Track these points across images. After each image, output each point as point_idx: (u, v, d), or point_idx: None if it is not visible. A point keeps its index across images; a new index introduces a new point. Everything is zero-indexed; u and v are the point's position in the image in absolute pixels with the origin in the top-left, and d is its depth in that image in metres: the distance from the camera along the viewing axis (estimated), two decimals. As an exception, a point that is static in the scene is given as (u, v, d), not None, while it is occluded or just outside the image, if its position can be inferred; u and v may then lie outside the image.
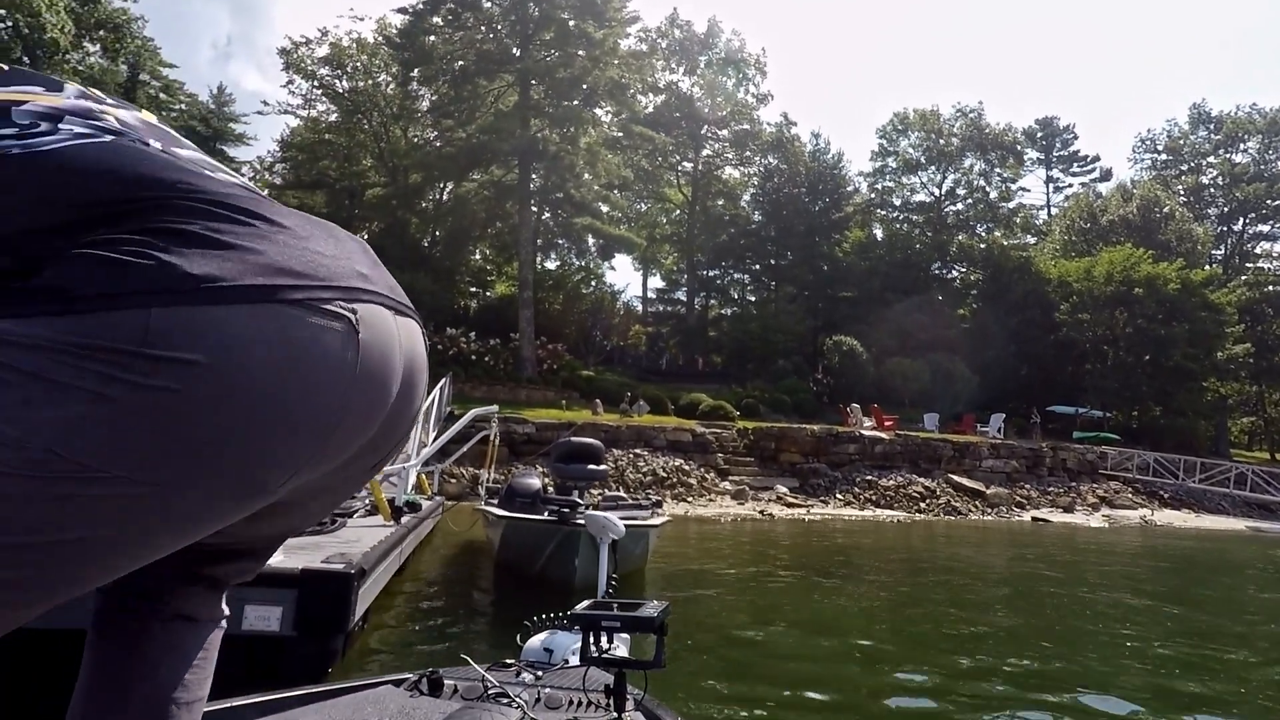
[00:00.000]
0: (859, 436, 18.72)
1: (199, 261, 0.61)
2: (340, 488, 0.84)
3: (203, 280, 0.60)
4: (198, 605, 0.88)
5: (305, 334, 0.63)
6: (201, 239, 0.63)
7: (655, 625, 1.45)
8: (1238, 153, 40.55)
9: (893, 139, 36.76)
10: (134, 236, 0.61)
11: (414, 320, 0.78)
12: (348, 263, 0.71)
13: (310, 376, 0.64)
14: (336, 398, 0.66)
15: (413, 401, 0.78)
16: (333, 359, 0.65)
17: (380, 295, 0.72)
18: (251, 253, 0.64)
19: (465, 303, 30.05)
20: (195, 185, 0.68)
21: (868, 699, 3.93)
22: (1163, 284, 27.84)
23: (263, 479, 0.65)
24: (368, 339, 0.68)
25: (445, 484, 12.60)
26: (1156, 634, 5.71)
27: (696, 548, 9.42)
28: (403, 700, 1.59)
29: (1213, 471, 21.64)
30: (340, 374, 0.66)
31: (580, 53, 22.51)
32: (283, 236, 0.68)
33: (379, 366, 0.70)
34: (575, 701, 1.60)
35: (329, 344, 0.65)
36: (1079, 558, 10.77)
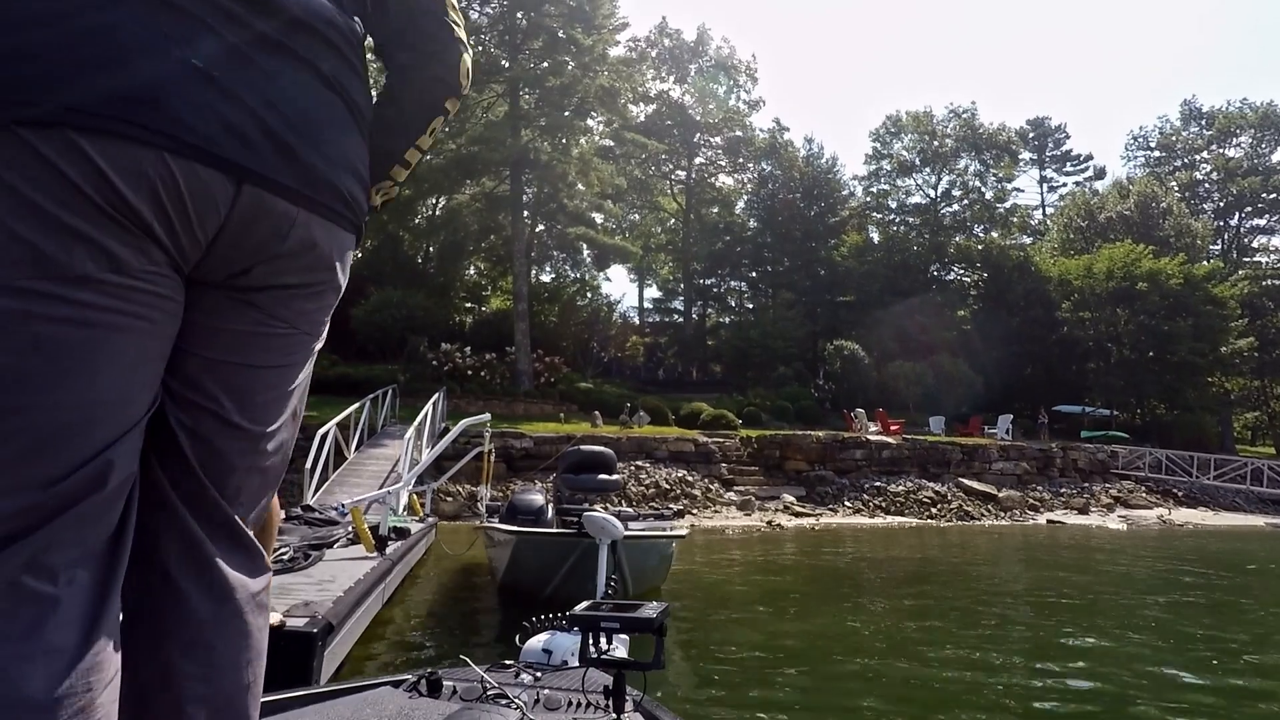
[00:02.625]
0: (865, 442, 18.28)
1: None
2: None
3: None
4: (173, 556, 0.77)
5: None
6: None
7: (654, 626, 1.44)
8: (1231, 147, 40.52)
9: (886, 141, 36.59)
10: None
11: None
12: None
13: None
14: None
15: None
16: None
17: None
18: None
19: (461, 318, 29.64)
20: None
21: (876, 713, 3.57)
22: (1165, 279, 27.54)
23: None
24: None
25: (441, 503, 12.12)
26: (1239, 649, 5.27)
27: (704, 560, 8.96)
28: (402, 701, 1.58)
29: (1226, 468, 21.23)
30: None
31: (570, 61, 22.25)
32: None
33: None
34: (574, 702, 1.59)
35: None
36: (1109, 564, 10.31)
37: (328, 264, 0.80)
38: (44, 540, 0.64)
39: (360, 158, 0.83)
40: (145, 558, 0.76)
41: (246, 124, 0.69)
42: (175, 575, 0.77)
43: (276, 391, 0.82)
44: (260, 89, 0.71)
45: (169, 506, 0.77)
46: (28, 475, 0.63)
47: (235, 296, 0.76)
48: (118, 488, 0.69)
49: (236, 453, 0.80)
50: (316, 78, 0.76)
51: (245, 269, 0.74)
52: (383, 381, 17.04)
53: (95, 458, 0.66)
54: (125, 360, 0.67)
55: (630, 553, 5.02)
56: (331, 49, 0.78)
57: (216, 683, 0.77)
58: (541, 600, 4.95)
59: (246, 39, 0.70)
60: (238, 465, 0.80)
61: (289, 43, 0.74)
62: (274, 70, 0.72)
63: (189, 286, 0.74)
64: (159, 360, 0.72)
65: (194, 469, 0.77)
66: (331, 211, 0.77)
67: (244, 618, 0.80)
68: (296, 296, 0.79)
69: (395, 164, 0.95)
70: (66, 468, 0.64)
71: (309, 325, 0.83)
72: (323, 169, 0.76)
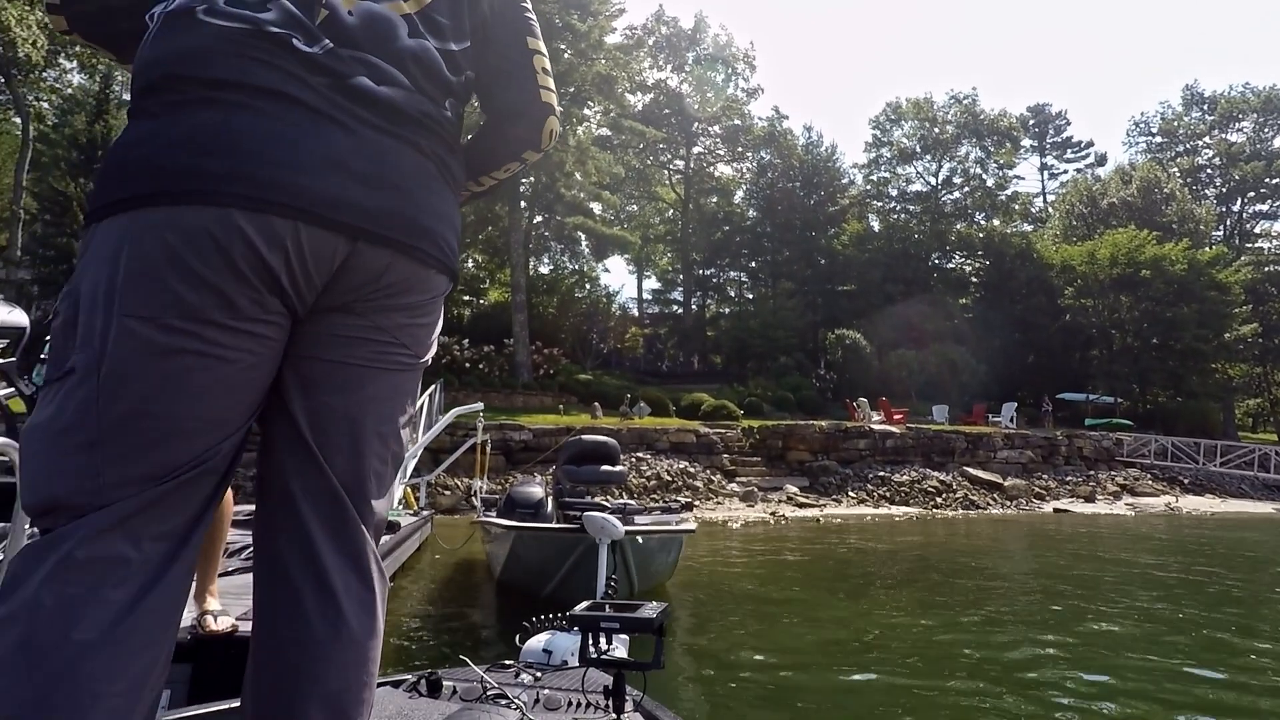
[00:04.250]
0: (869, 431, 18.07)
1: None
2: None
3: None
4: (293, 557, 0.91)
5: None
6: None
7: (654, 626, 1.45)
8: (1233, 132, 40.18)
9: (886, 129, 36.27)
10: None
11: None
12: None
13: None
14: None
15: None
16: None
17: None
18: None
19: (459, 311, 29.40)
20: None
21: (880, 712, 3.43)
22: (1169, 265, 27.29)
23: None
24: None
25: (438, 496, 11.90)
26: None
27: (707, 553, 8.75)
28: (401, 701, 1.58)
29: (1232, 455, 21.04)
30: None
31: (566, 48, 21.91)
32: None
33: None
34: (574, 703, 1.59)
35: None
36: (1124, 554, 10.11)
37: (419, 293, 0.96)
38: (137, 510, 0.79)
39: (451, 210, 1.00)
40: (274, 556, 0.91)
41: (362, 193, 0.87)
42: (294, 575, 0.90)
43: (381, 392, 0.95)
44: (370, 164, 0.88)
45: (294, 509, 0.91)
46: (135, 467, 0.79)
47: (344, 311, 0.92)
48: (204, 484, 0.84)
49: (349, 445, 0.92)
50: (416, 150, 0.93)
51: (356, 297, 0.91)
52: (379, 374, 16.77)
53: (193, 461, 0.82)
54: (226, 386, 0.84)
55: (636, 549, 4.79)
56: (428, 131, 0.95)
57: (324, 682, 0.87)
58: (542, 599, 4.73)
59: (362, 127, 0.88)
60: (356, 455, 0.93)
61: (395, 129, 0.91)
62: (382, 148, 0.89)
63: (310, 315, 0.90)
64: (259, 388, 0.88)
65: (321, 465, 0.91)
66: (423, 253, 0.93)
67: (349, 622, 0.90)
68: (390, 310, 0.94)
69: (470, 180, 1.13)
70: (166, 467, 0.81)
71: (408, 339, 0.96)
72: (421, 222, 0.93)
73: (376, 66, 0.90)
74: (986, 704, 3.62)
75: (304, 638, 0.86)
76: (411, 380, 0.99)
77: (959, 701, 3.68)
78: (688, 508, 7.10)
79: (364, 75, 0.89)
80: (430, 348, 1.02)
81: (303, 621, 0.87)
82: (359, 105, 0.87)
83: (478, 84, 1.08)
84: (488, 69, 1.07)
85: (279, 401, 0.92)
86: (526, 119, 1.08)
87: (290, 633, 0.87)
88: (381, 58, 0.91)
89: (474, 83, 1.06)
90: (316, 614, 0.87)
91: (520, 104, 1.08)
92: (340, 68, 0.87)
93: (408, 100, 0.92)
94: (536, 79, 1.07)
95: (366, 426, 0.93)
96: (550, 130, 1.09)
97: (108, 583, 0.75)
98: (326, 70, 0.86)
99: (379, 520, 0.96)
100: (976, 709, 3.58)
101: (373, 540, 0.94)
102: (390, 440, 0.96)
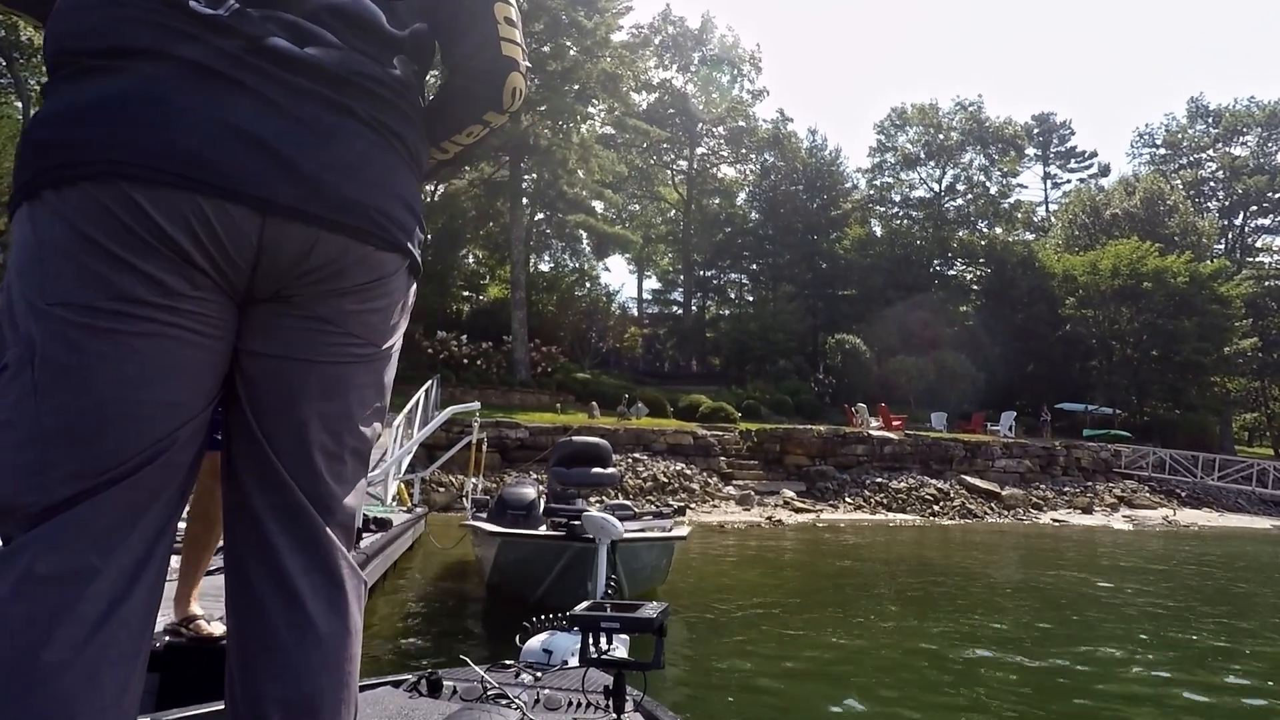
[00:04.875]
0: (867, 437, 17.99)
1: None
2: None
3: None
4: (252, 558, 0.89)
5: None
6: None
7: (654, 626, 1.45)
8: (1237, 145, 40.13)
9: (890, 134, 36.18)
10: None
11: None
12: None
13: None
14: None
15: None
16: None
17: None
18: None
19: (458, 307, 29.26)
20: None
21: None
22: (1171, 277, 27.22)
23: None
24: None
25: (433, 493, 11.78)
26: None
27: (703, 556, 8.64)
28: (402, 701, 1.58)
29: (1230, 469, 20.98)
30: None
31: (572, 45, 21.80)
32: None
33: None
34: (574, 702, 1.59)
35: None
36: (1119, 567, 10.02)
37: (361, 275, 0.87)
38: (90, 515, 0.74)
39: (396, 180, 0.90)
40: (240, 555, 0.87)
41: (270, 163, 0.79)
42: (255, 578, 0.86)
43: (331, 387, 0.89)
44: (286, 132, 0.80)
45: (249, 507, 0.87)
46: (82, 460, 0.74)
47: (282, 302, 0.86)
48: (166, 479, 0.80)
49: (296, 444, 0.87)
50: (347, 115, 0.84)
51: (286, 283, 0.84)
52: (376, 368, 16.64)
53: (146, 450, 0.77)
54: (172, 367, 0.79)
55: (625, 556, 4.68)
56: (366, 92, 0.86)
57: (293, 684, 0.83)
58: (531, 604, 4.63)
59: (278, 92, 0.80)
60: (305, 453, 0.87)
61: (322, 91, 0.82)
62: (302, 114, 0.81)
63: (248, 305, 0.85)
64: (208, 369, 0.83)
65: (273, 462, 0.86)
66: (356, 230, 0.85)
67: (315, 621, 0.86)
68: (329, 296, 0.86)
69: (432, 147, 1.03)
70: (118, 456, 0.76)
71: (358, 327, 0.89)
72: (350, 195, 0.84)
73: (295, 25, 0.82)
74: (980, 712, 3.54)
75: (270, 643, 0.83)
76: (369, 372, 0.92)
77: (954, 704, 3.63)
78: (681, 512, 6.99)
79: (280, 35, 0.81)
80: (390, 334, 0.94)
81: (266, 626, 0.84)
82: (277, 68, 0.80)
83: (435, 38, 0.98)
84: (442, 20, 0.96)
85: (232, 397, 0.88)
86: (485, 75, 0.98)
87: (255, 637, 0.84)
88: (302, 15, 0.83)
89: (428, 36, 0.96)
90: (280, 617, 0.84)
91: (478, 59, 0.98)
92: (250, 29, 0.79)
93: (338, 60, 0.84)
94: (497, 29, 0.96)
95: (312, 425, 0.87)
96: (513, 88, 0.99)
97: (76, 597, 0.72)
98: (234, 32, 0.79)
99: (345, 516, 0.91)
100: (971, 715, 3.51)
101: (340, 536, 0.89)
102: (346, 436, 0.90)
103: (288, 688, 0.82)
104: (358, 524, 4.99)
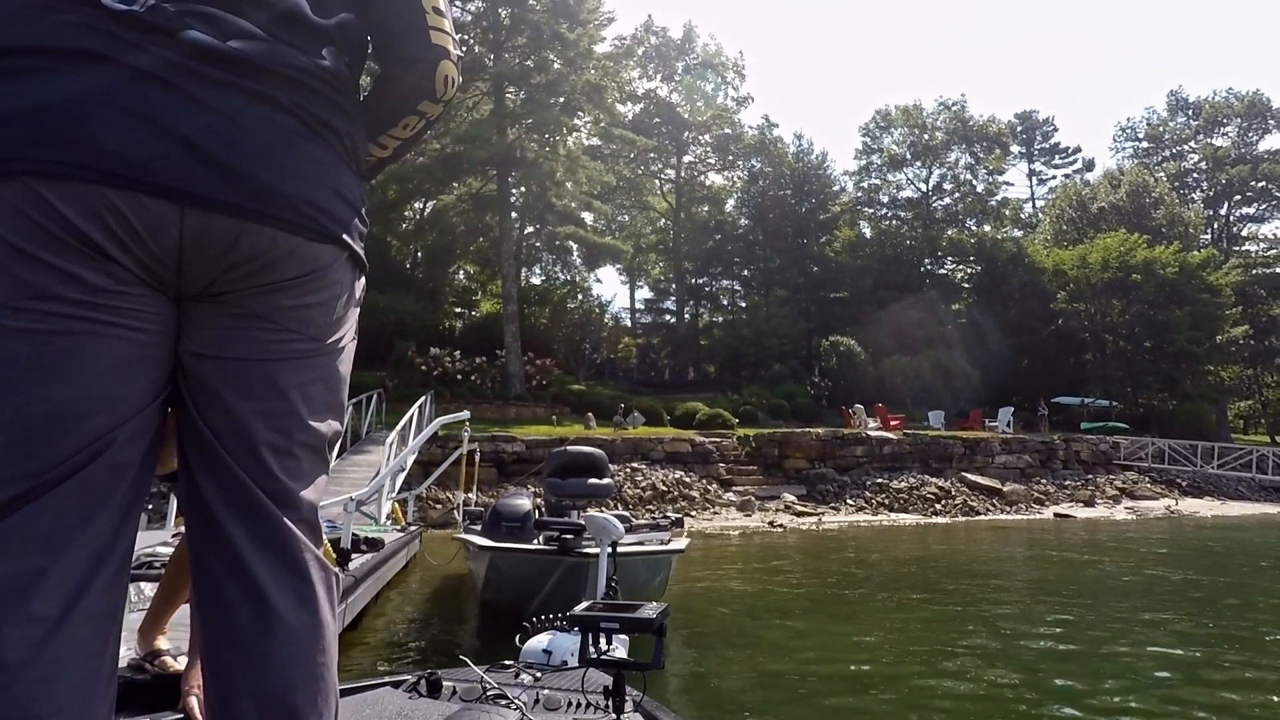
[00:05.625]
0: (866, 438, 17.90)
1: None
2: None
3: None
4: (211, 554, 0.88)
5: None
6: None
7: (654, 626, 1.45)
8: (1218, 136, 40.48)
9: (876, 136, 36.34)
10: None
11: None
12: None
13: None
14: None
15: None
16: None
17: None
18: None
19: (450, 323, 29.10)
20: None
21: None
22: (1161, 268, 27.33)
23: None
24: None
25: (429, 510, 11.61)
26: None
27: (704, 562, 8.51)
28: (401, 701, 1.58)
29: (1229, 457, 20.97)
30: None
31: (555, 58, 21.81)
32: None
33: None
34: (574, 703, 1.59)
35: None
36: (1127, 559, 9.93)
37: (292, 269, 0.86)
38: (35, 516, 0.74)
39: (325, 172, 0.88)
40: (200, 552, 0.87)
41: (185, 155, 0.77)
42: (216, 571, 0.85)
43: (274, 385, 0.88)
44: (204, 124, 0.79)
45: (205, 505, 0.86)
46: (21, 460, 0.74)
47: (215, 301, 0.85)
48: (112, 480, 0.79)
49: (243, 443, 0.86)
50: (272, 106, 0.83)
51: (214, 278, 0.83)
52: (368, 387, 16.49)
53: (85, 448, 0.77)
54: (101, 364, 0.78)
55: (621, 571, 4.57)
56: (293, 83, 0.85)
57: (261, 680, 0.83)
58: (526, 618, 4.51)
59: (197, 85, 0.79)
60: (252, 452, 0.87)
61: (244, 83, 0.81)
62: (221, 106, 0.80)
63: (184, 303, 0.84)
64: (144, 365, 0.82)
65: (224, 459, 0.86)
66: (283, 222, 0.83)
67: (282, 616, 0.85)
68: (262, 292, 0.85)
69: (370, 143, 1.02)
70: (55, 455, 0.75)
71: (296, 323, 0.88)
72: (272, 185, 0.82)
73: (216, 18, 0.82)
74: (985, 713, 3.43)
75: (236, 640, 0.83)
76: (314, 367, 0.91)
77: (957, 708, 3.54)
78: (679, 524, 6.81)
79: (199, 29, 0.80)
80: (335, 329, 0.93)
81: (233, 623, 0.84)
82: (196, 61, 0.80)
83: (364, 28, 0.97)
84: (370, 12, 0.96)
85: (179, 397, 0.88)
86: (416, 64, 0.98)
87: (223, 636, 0.84)
88: (221, 8, 0.83)
89: (356, 27, 0.95)
90: (245, 613, 0.84)
91: (407, 47, 0.97)
92: (168, 23, 0.79)
93: (261, 51, 0.83)
94: (425, 18, 0.97)
95: (257, 423, 0.87)
96: (445, 76, 0.99)
97: (28, 598, 0.72)
98: (150, 27, 0.79)
99: (306, 511, 0.91)
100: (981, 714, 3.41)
101: (303, 531, 0.89)
102: (295, 432, 0.89)
103: (260, 683, 0.82)
104: (346, 545, 4.86)
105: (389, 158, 1.09)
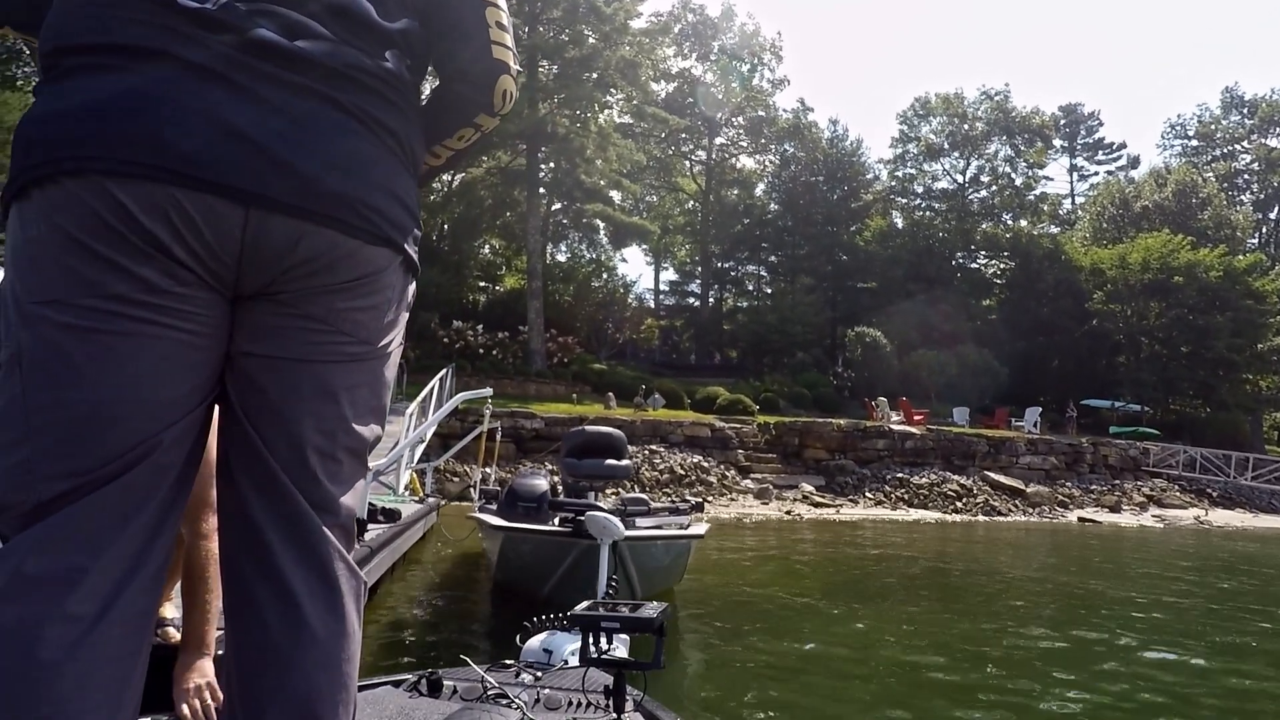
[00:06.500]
0: (888, 431, 17.65)
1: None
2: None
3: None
4: (245, 557, 0.89)
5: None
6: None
7: (654, 626, 1.46)
8: (1273, 137, 38.99)
9: (914, 124, 35.49)
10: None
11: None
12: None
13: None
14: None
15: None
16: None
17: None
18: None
19: (474, 297, 29.19)
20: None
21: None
22: (1204, 271, 26.46)
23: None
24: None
25: (446, 483, 11.67)
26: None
27: (717, 551, 8.42)
28: (402, 701, 1.59)
29: (1264, 469, 20.38)
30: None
31: (590, 32, 21.51)
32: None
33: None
34: (574, 702, 1.59)
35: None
36: (1158, 569, 9.67)
37: (350, 271, 0.86)
38: (80, 515, 0.75)
39: (386, 175, 0.89)
40: (235, 554, 0.87)
41: (250, 155, 0.78)
42: (249, 576, 0.85)
43: (322, 387, 0.87)
44: (268, 124, 0.79)
45: (242, 506, 0.86)
46: (69, 458, 0.75)
47: (271, 300, 0.85)
48: (156, 481, 0.80)
49: (288, 444, 0.86)
50: (335, 108, 0.84)
51: (273, 278, 0.83)
52: (391, 358, 16.57)
53: (132, 449, 0.77)
54: (155, 365, 0.79)
55: (638, 554, 4.47)
56: (358, 85, 0.85)
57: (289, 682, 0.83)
58: (539, 601, 4.42)
59: (264, 85, 0.80)
60: (298, 454, 0.86)
61: (310, 84, 0.82)
62: (287, 106, 0.81)
63: (239, 303, 0.85)
64: (196, 367, 0.82)
65: (268, 463, 0.85)
66: (343, 224, 0.84)
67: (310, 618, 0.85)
68: (319, 293, 0.85)
69: (426, 151, 1.03)
70: (103, 456, 0.76)
71: (349, 325, 0.88)
72: (334, 187, 0.82)
73: (284, 17, 0.82)
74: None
75: (263, 643, 0.84)
76: (363, 371, 0.90)
77: (967, 713, 3.42)
78: (699, 508, 6.63)
79: (268, 28, 0.81)
80: (385, 333, 0.92)
81: (260, 627, 0.84)
82: (264, 61, 0.80)
83: (426, 37, 0.97)
84: (433, 23, 0.97)
85: (225, 398, 0.87)
86: (475, 77, 0.99)
87: (252, 640, 0.84)
88: (291, 8, 0.83)
89: (420, 33, 0.95)
90: (274, 618, 0.84)
91: (468, 60, 0.98)
92: (239, 22, 0.80)
93: (328, 52, 0.84)
94: (488, 32, 0.97)
95: (305, 425, 0.86)
96: (503, 90, 1.00)
97: (66, 596, 0.72)
98: (222, 25, 0.79)
99: (343, 517, 0.90)
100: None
101: (338, 537, 0.88)
102: (340, 436, 0.89)
103: (285, 689, 0.83)
104: (362, 515, 4.83)
105: (440, 166, 1.10)
